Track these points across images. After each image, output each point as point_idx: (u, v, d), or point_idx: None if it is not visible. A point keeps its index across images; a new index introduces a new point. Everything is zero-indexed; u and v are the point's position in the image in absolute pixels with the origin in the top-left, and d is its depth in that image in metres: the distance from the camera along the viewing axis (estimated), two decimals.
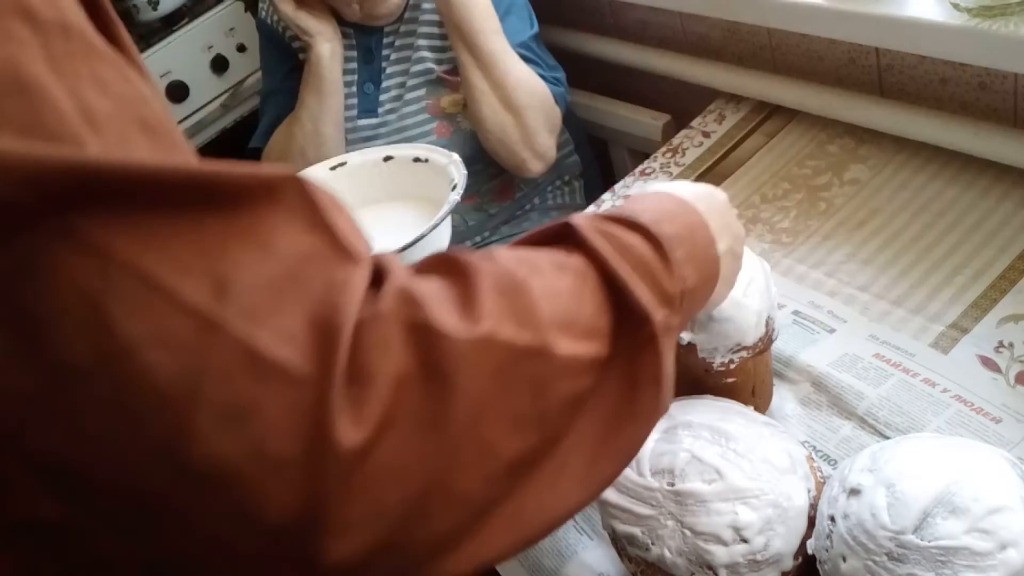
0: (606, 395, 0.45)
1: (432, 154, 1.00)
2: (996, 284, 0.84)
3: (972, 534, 0.52)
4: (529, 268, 0.44)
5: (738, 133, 1.21)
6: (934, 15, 0.88)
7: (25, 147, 0.32)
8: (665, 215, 0.52)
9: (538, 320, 0.41)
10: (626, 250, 0.48)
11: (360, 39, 1.31)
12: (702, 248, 0.54)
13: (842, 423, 0.78)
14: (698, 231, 0.54)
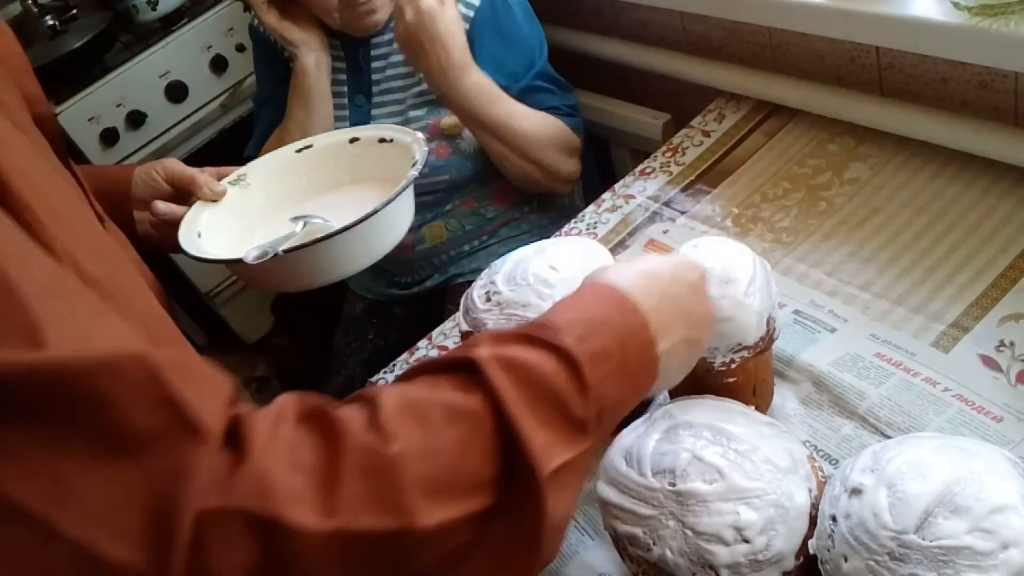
0: (490, 543, 0.46)
1: (397, 134, 1.00)
2: (997, 283, 0.84)
3: (974, 534, 0.52)
4: (414, 422, 0.45)
5: (738, 132, 1.21)
6: (935, 14, 0.88)
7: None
8: (593, 327, 0.53)
9: (403, 499, 0.42)
10: (533, 382, 0.49)
11: (348, 51, 1.31)
12: (635, 355, 0.54)
13: (843, 422, 0.78)
14: (632, 338, 0.55)
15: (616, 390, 0.52)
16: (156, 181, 0.98)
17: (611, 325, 0.54)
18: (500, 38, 1.25)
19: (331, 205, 1.01)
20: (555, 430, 0.48)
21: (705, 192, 1.13)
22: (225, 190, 1.00)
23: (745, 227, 1.05)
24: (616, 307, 0.56)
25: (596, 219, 1.18)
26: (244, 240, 0.97)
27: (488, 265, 0.88)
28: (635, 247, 1.09)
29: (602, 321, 0.54)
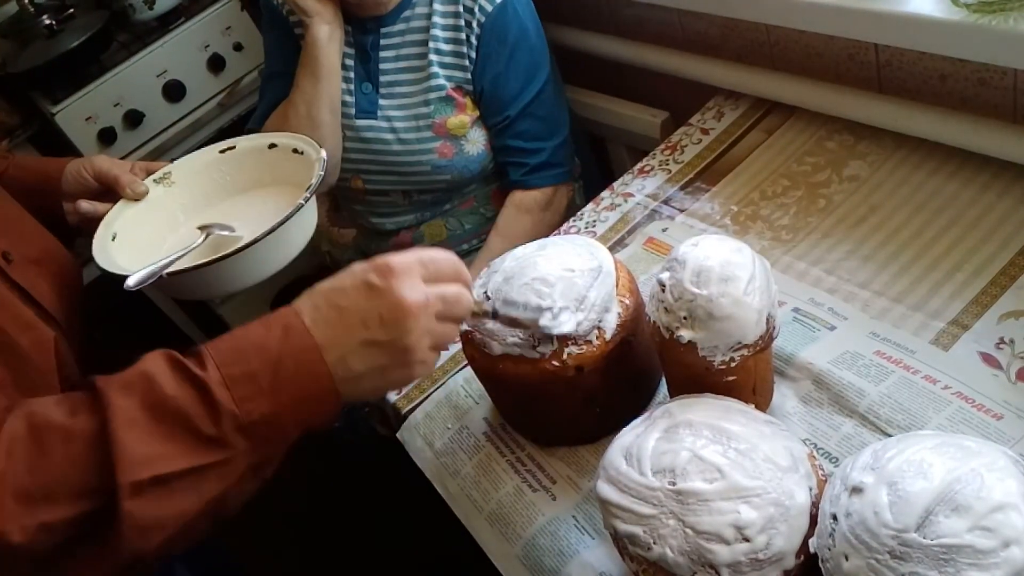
0: (85, 542, 0.57)
1: (308, 148, 1.03)
2: (996, 280, 0.84)
3: (975, 532, 0.52)
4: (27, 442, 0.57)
5: (737, 130, 1.21)
6: (933, 11, 0.88)
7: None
8: (242, 353, 0.62)
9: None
10: (156, 404, 0.59)
11: (357, 37, 1.31)
12: (292, 371, 0.62)
13: (843, 421, 0.78)
14: (292, 357, 0.63)
15: (267, 405, 0.61)
16: (85, 178, 1.02)
17: (266, 349, 0.62)
18: (505, 50, 1.26)
19: (248, 207, 1.06)
20: (173, 446, 0.59)
21: (704, 190, 1.13)
22: (147, 190, 1.03)
23: (744, 225, 1.04)
24: (281, 332, 0.64)
25: (595, 217, 1.18)
26: (161, 240, 1.03)
27: (487, 264, 0.88)
28: (634, 245, 1.09)
29: (256, 346, 0.63)
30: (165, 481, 0.58)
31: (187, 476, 0.59)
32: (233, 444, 0.61)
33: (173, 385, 0.60)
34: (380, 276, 0.65)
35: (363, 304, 0.65)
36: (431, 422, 0.99)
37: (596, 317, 0.78)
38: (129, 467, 0.57)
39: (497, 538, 0.85)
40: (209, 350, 0.63)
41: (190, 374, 0.61)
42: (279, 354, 0.63)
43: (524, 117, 1.30)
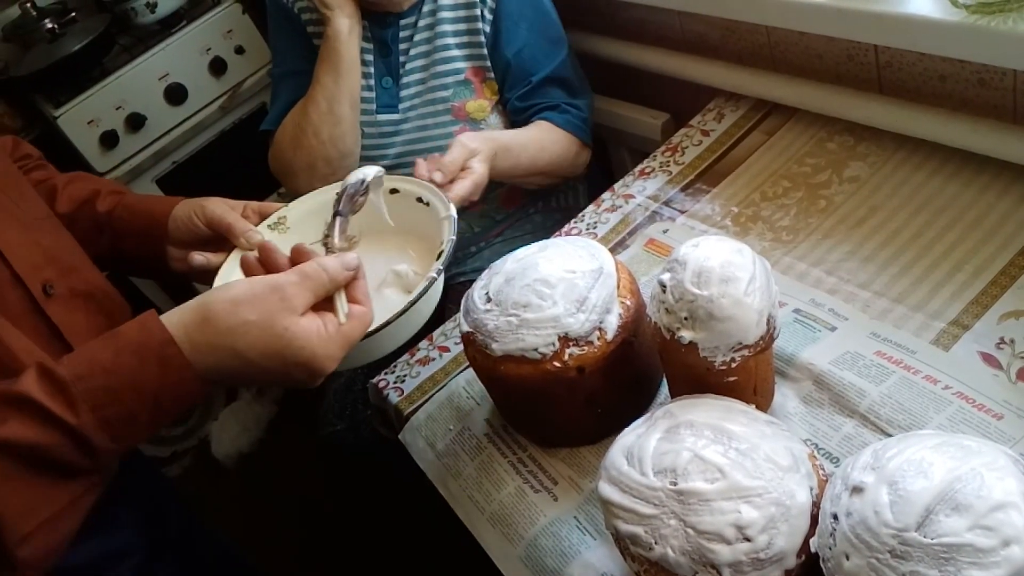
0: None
1: (434, 199, 0.96)
2: (997, 280, 0.84)
3: (975, 531, 0.52)
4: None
5: (737, 131, 1.21)
6: (933, 12, 0.88)
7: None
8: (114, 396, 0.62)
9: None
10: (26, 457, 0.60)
11: (375, 32, 1.30)
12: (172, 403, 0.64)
13: (844, 421, 0.78)
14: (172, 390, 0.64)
15: (147, 431, 0.64)
16: (196, 225, 0.96)
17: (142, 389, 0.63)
18: (525, 22, 1.27)
19: (368, 259, 0.92)
20: (48, 488, 0.61)
21: (705, 191, 1.13)
22: (262, 239, 0.95)
23: (745, 226, 1.05)
24: (157, 367, 0.63)
25: (596, 219, 1.18)
26: None
27: (489, 265, 0.88)
28: (635, 246, 1.09)
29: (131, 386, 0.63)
30: (49, 522, 0.62)
31: (68, 508, 0.63)
32: (108, 464, 0.65)
33: (42, 434, 0.60)
34: (305, 372, 0.67)
35: (278, 372, 0.67)
36: (433, 423, 0.99)
37: (597, 318, 0.78)
38: (14, 524, 0.60)
39: (499, 539, 0.85)
40: (77, 387, 0.61)
41: (60, 423, 0.60)
42: (157, 391, 0.63)
43: (551, 82, 1.30)
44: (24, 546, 0.60)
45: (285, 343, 0.66)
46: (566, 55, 1.33)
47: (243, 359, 0.65)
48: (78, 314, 0.84)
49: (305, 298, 0.68)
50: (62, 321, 0.82)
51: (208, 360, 0.65)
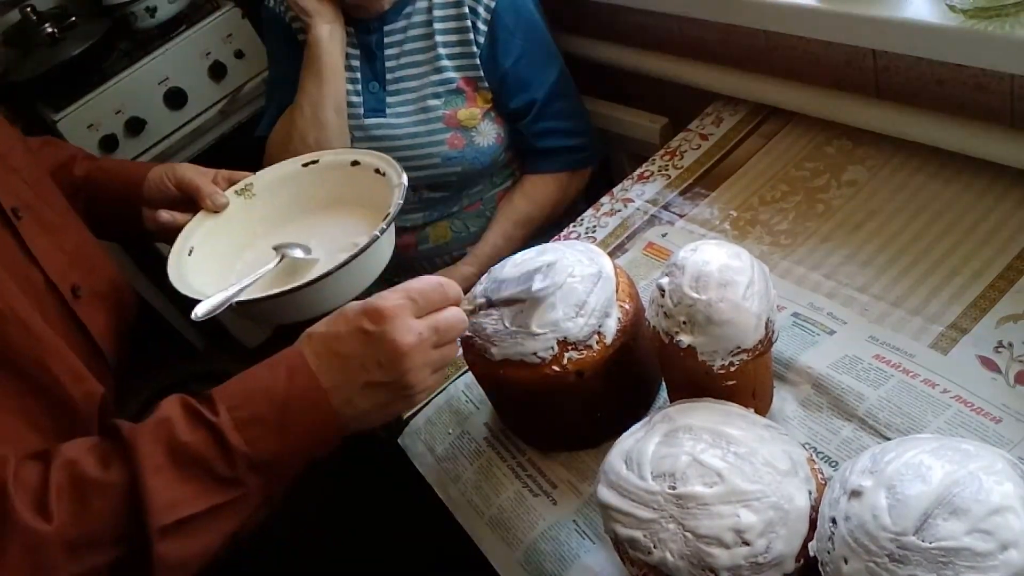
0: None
1: (390, 169, 1.01)
2: (995, 284, 0.85)
3: (973, 535, 0.52)
4: (70, 499, 0.62)
5: (736, 135, 1.21)
6: (930, 16, 0.89)
7: None
8: (250, 396, 0.67)
9: (50, 561, 0.60)
10: (177, 450, 0.64)
11: (361, 37, 1.32)
12: (299, 412, 0.67)
13: (843, 424, 0.79)
14: (299, 399, 0.67)
15: (276, 444, 0.66)
16: (167, 186, 1.01)
17: (272, 391, 0.67)
18: (520, 33, 1.28)
19: (327, 226, 1.04)
20: (193, 487, 0.64)
21: (703, 195, 1.14)
22: (227, 203, 1.02)
23: (743, 230, 1.05)
24: (286, 374, 0.68)
25: (595, 223, 1.18)
26: (233, 259, 1.01)
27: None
28: (634, 250, 1.09)
29: (263, 389, 0.68)
30: (188, 522, 0.64)
31: (207, 515, 0.65)
32: (246, 482, 0.66)
33: (189, 431, 0.65)
34: (373, 322, 0.69)
35: (361, 350, 0.68)
36: (432, 427, 0.99)
37: (596, 322, 0.78)
38: (158, 513, 0.63)
39: (498, 543, 0.85)
40: (219, 394, 0.68)
41: (204, 419, 0.66)
42: (285, 396, 0.67)
43: (554, 97, 1.33)
44: (164, 541, 0.63)
45: (346, 310, 0.70)
46: (561, 67, 1.35)
47: (343, 357, 0.69)
48: (101, 314, 0.89)
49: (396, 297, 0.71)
50: (89, 321, 0.86)
51: (329, 370, 0.68)
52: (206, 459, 0.65)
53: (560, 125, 1.35)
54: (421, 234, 1.41)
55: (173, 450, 0.65)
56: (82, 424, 0.79)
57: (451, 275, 1.35)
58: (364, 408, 0.70)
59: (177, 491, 0.64)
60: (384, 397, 0.70)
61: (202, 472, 0.65)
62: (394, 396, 0.71)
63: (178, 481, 0.64)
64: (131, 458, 0.64)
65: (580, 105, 1.41)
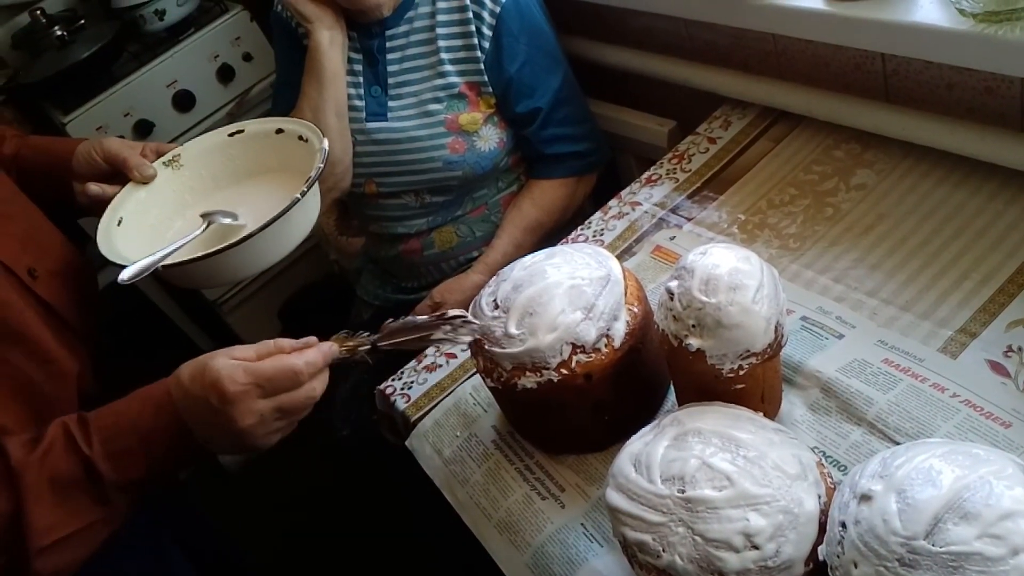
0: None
1: (312, 135, 1.02)
2: (1004, 288, 0.84)
3: (983, 539, 0.52)
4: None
5: (744, 139, 1.21)
6: (940, 20, 0.89)
7: None
8: (119, 433, 0.74)
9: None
10: (56, 478, 0.72)
11: (363, 42, 1.32)
12: (160, 444, 0.75)
13: (852, 429, 0.78)
14: (162, 433, 0.75)
15: (142, 470, 0.75)
16: (95, 159, 1.02)
17: (139, 427, 0.75)
18: (524, 38, 1.28)
19: (254, 193, 1.06)
20: (68, 511, 0.73)
21: (711, 198, 1.14)
22: (155, 174, 1.03)
23: (752, 233, 1.05)
24: (152, 410, 0.75)
25: (603, 226, 1.19)
26: (163, 228, 1.02)
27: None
28: (642, 253, 1.09)
29: (131, 424, 0.75)
30: (63, 541, 0.73)
31: (80, 532, 0.74)
32: (115, 501, 0.75)
33: (66, 459, 0.73)
34: (219, 400, 0.74)
35: (208, 417, 0.75)
36: (440, 430, 0.99)
37: (605, 325, 0.78)
38: (36, 537, 0.71)
39: (506, 546, 0.85)
40: (94, 424, 0.75)
41: (79, 451, 0.74)
42: (151, 430, 0.75)
43: (560, 103, 1.33)
44: (40, 558, 0.72)
45: (206, 374, 0.75)
46: (567, 72, 1.35)
47: (195, 414, 0.75)
48: (63, 291, 0.92)
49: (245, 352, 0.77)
50: (52, 298, 0.89)
51: (187, 414, 0.75)
52: (80, 485, 0.73)
53: (567, 131, 1.35)
54: (426, 239, 1.41)
55: (52, 477, 0.73)
56: (55, 405, 0.85)
57: (461, 283, 1.35)
58: (214, 448, 0.78)
59: (55, 515, 0.72)
60: (230, 447, 0.78)
61: (76, 496, 0.73)
62: (238, 448, 0.78)
63: (56, 505, 0.73)
64: (17, 487, 0.72)
65: (586, 109, 1.41)
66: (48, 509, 0.72)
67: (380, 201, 1.40)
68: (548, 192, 1.37)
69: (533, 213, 1.37)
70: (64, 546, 0.73)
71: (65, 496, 0.73)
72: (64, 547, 0.73)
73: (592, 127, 1.40)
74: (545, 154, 1.36)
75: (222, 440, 0.76)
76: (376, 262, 1.58)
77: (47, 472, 0.73)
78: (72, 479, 0.73)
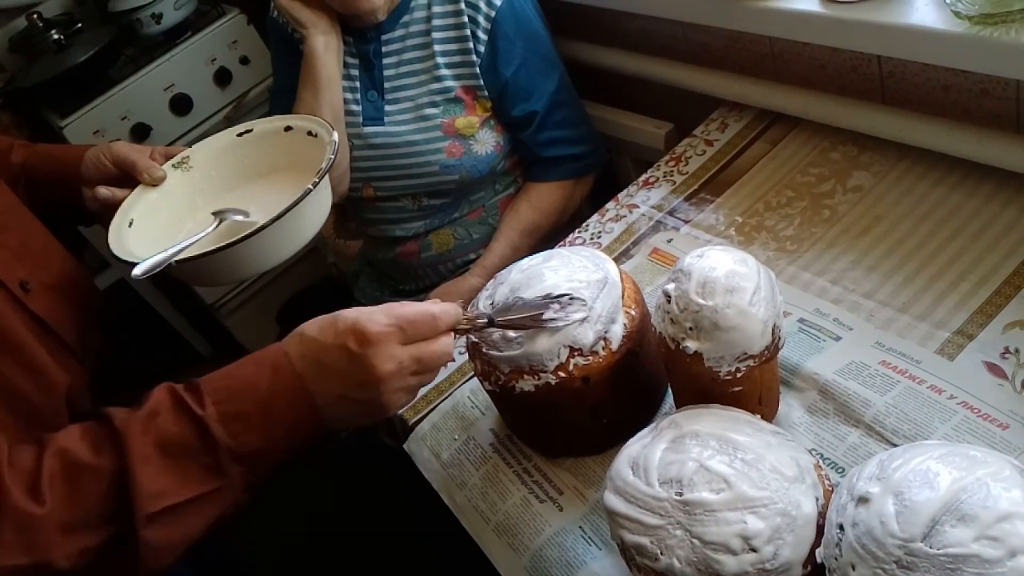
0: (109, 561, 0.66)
1: (322, 130, 1.02)
2: (1001, 290, 0.85)
3: (981, 541, 0.52)
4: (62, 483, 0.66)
5: (741, 141, 1.21)
6: (935, 23, 0.89)
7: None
8: (235, 392, 0.70)
9: (43, 542, 0.64)
10: (165, 442, 0.68)
11: (359, 47, 1.32)
12: (283, 409, 0.70)
13: (849, 431, 0.79)
14: (282, 396, 0.70)
15: (259, 438, 0.70)
16: (103, 164, 1.02)
17: (256, 388, 0.70)
18: (520, 41, 1.29)
19: (265, 192, 1.05)
20: (179, 478, 0.68)
21: (708, 201, 1.14)
22: (164, 176, 1.03)
23: (749, 236, 1.05)
24: (271, 371, 0.71)
25: (600, 229, 1.19)
26: (174, 229, 1.02)
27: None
28: (639, 256, 1.10)
29: (248, 385, 0.71)
30: (173, 510, 0.67)
31: (192, 503, 0.68)
32: (229, 472, 0.69)
33: (176, 422, 0.69)
34: (358, 343, 0.71)
35: (342, 366, 0.71)
36: (438, 433, 0.99)
37: (602, 328, 0.78)
38: (145, 501, 0.66)
39: (504, 549, 0.85)
40: (206, 387, 0.71)
41: (190, 412, 0.69)
42: (269, 392, 0.70)
43: (556, 106, 1.33)
44: (150, 527, 0.66)
45: (338, 321, 0.72)
46: (562, 75, 1.35)
47: (324, 367, 0.71)
48: (58, 306, 0.90)
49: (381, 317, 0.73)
50: (45, 313, 0.87)
51: (310, 374, 0.71)
52: (192, 450, 0.68)
53: (563, 134, 1.35)
54: (423, 242, 1.41)
55: (161, 441, 0.68)
56: (45, 418, 0.82)
57: (459, 286, 1.35)
58: (335, 416, 0.73)
59: (164, 480, 0.67)
60: (356, 410, 0.73)
61: (188, 462, 0.68)
62: (365, 411, 0.74)
63: (165, 470, 0.67)
64: (122, 447, 0.67)
65: (582, 111, 1.41)
66: (156, 472, 0.67)
67: (377, 204, 1.40)
68: (545, 195, 1.38)
69: (530, 216, 1.37)
70: (175, 516, 0.68)
71: (175, 461, 0.68)
72: (175, 517, 0.68)
73: (589, 130, 1.40)
74: (542, 157, 1.36)
75: (351, 399, 0.72)
76: (374, 265, 1.58)
77: (153, 434, 0.68)
78: (183, 443, 0.68)
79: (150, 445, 0.67)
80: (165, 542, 0.67)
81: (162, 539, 0.67)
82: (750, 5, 1.07)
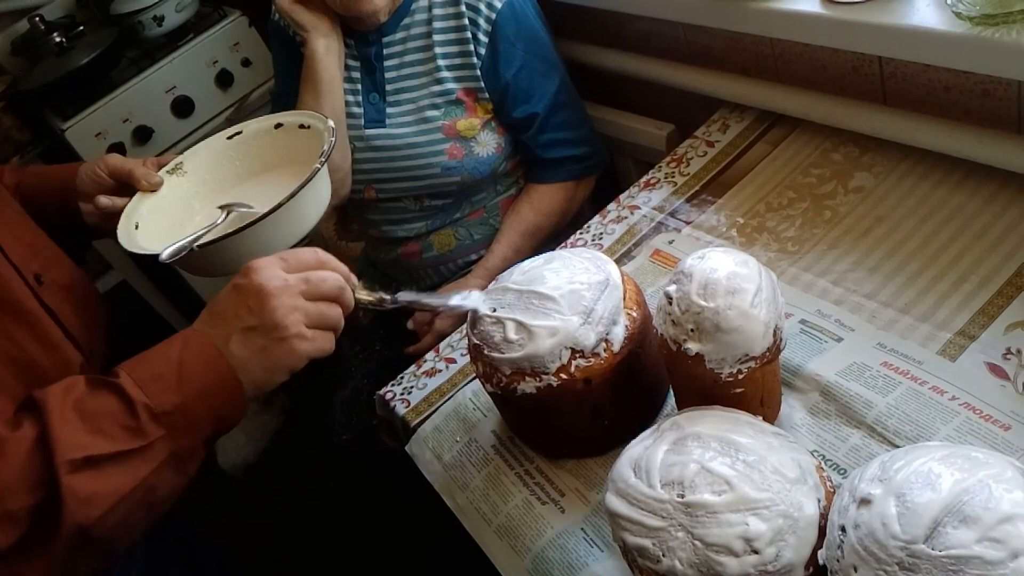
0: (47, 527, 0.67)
1: (314, 121, 1.03)
2: (1003, 290, 0.84)
3: (983, 543, 0.52)
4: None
5: (742, 142, 1.21)
6: (936, 23, 0.89)
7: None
8: (146, 362, 0.73)
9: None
10: (83, 405, 0.69)
11: (360, 49, 1.33)
12: (195, 363, 0.72)
13: (851, 432, 0.78)
14: (190, 352, 0.73)
15: (176, 396, 0.71)
16: (99, 176, 1.04)
17: (167, 355, 0.73)
18: (521, 43, 1.29)
19: (261, 189, 1.07)
20: (100, 437, 0.68)
21: (710, 202, 1.14)
22: (162, 180, 1.05)
23: (750, 237, 1.05)
24: (180, 341, 0.74)
25: (601, 230, 1.19)
26: (180, 228, 1.03)
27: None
28: (641, 257, 1.10)
29: (159, 354, 0.73)
30: (96, 462, 0.68)
31: (115, 458, 0.69)
32: (150, 432, 0.70)
33: (93, 392, 0.70)
34: (242, 276, 0.75)
35: (233, 300, 0.74)
36: (440, 435, 0.99)
37: (604, 330, 0.78)
38: (65, 451, 0.66)
39: (506, 551, 0.85)
40: (119, 367, 0.73)
41: (106, 382, 0.71)
42: (180, 356, 0.72)
43: (557, 108, 1.33)
44: (72, 475, 0.67)
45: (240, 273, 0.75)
46: (563, 76, 1.36)
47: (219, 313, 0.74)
48: (67, 304, 0.91)
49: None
50: (56, 308, 0.89)
51: (212, 327, 0.74)
52: (111, 411, 0.70)
53: (564, 135, 1.35)
54: (425, 242, 1.41)
55: (79, 405, 0.69)
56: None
57: (461, 289, 1.35)
58: (245, 355, 0.73)
59: (83, 437, 0.68)
60: (258, 340, 0.73)
61: (108, 422, 0.69)
62: (268, 340, 0.74)
63: (84, 431, 0.68)
64: (40, 411, 0.68)
65: (583, 112, 1.41)
66: (76, 430, 0.68)
67: (379, 205, 1.40)
68: (546, 196, 1.38)
69: (532, 217, 1.37)
70: (98, 468, 0.68)
71: (94, 422, 0.69)
72: (98, 469, 0.68)
73: (590, 131, 1.40)
74: (543, 158, 1.36)
75: (250, 330, 0.73)
76: (376, 266, 1.58)
77: (72, 399, 0.69)
78: (101, 407, 0.69)
79: (69, 408, 0.69)
80: (89, 491, 0.67)
81: (85, 488, 0.67)
82: (751, 6, 1.07)
